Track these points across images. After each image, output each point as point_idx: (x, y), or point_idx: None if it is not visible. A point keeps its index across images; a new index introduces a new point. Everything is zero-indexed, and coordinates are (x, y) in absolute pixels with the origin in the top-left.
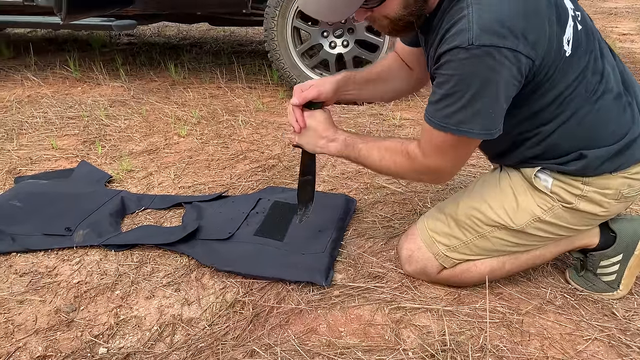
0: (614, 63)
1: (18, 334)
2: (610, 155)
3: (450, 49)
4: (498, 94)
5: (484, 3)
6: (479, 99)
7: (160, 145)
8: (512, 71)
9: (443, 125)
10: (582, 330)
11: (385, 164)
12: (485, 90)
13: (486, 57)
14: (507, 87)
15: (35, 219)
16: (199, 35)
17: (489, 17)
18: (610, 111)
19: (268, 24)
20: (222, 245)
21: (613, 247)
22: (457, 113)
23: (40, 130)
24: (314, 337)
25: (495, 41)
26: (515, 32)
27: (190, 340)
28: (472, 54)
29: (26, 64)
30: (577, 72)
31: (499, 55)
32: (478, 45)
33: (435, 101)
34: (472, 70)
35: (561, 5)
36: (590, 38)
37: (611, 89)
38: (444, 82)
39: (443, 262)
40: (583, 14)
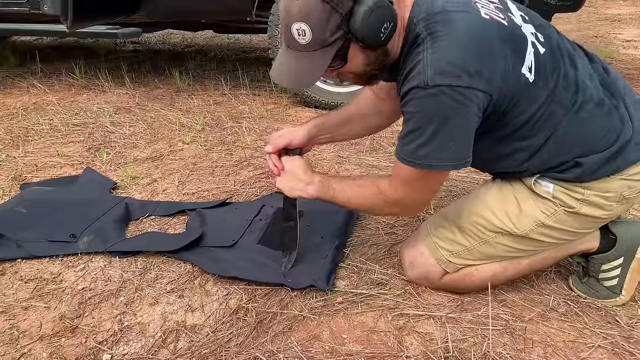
0: (591, 71)
1: (23, 340)
2: (605, 160)
3: (410, 89)
4: (458, 128)
5: (438, 47)
6: (440, 134)
7: (165, 152)
8: (469, 107)
9: (409, 160)
10: (586, 338)
11: (357, 201)
12: (445, 126)
13: (442, 95)
14: (466, 121)
15: (41, 226)
16: (204, 43)
17: (443, 60)
18: (595, 118)
19: (272, 31)
20: (225, 253)
21: (613, 250)
22: (421, 148)
23: (45, 137)
24: (317, 344)
25: (449, 81)
26: (470, 71)
27: (193, 346)
28: (428, 93)
29: (32, 71)
30: (545, 93)
31: (455, 93)
32: (433, 86)
33: (401, 137)
34: (431, 108)
35: (517, 38)
36: (557, 56)
37: (590, 97)
38: (408, 119)
39: (446, 267)
40: (547, 33)
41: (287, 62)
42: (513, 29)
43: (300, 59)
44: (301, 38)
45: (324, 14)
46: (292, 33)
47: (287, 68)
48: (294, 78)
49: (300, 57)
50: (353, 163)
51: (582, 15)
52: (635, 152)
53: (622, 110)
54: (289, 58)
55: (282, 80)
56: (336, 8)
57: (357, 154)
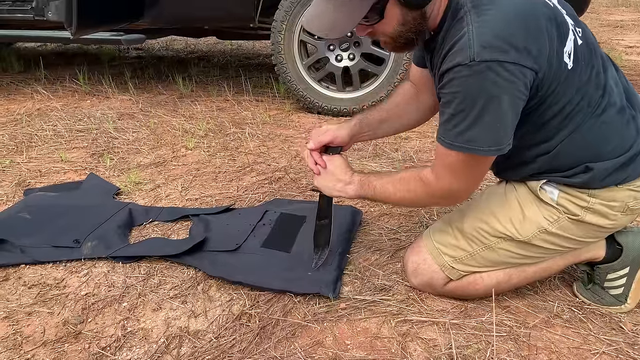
0: (617, 78)
1: (26, 345)
2: (616, 168)
3: (452, 67)
4: (505, 108)
5: (483, 20)
6: (486, 115)
7: (168, 157)
8: (516, 85)
9: (455, 145)
10: (590, 344)
11: (400, 195)
12: (492, 105)
13: (489, 72)
14: (513, 101)
15: (44, 231)
16: (207, 49)
17: (489, 33)
18: (614, 125)
19: (275, 37)
20: (229, 257)
21: (619, 260)
22: (466, 131)
23: (49, 143)
24: (320, 350)
25: (496, 56)
26: (517, 46)
27: (196, 352)
28: (474, 70)
29: (36, 77)
30: (578, 86)
31: (502, 69)
32: (479, 61)
33: (444, 121)
34: (476, 87)
35: (561, 20)
36: (592, 53)
37: (614, 103)
38: (450, 101)
39: (449, 273)
40: (585, 30)
41: (323, 9)
42: (558, 12)
43: (338, 7)
44: None
45: None
46: None
47: (323, 16)
48: (329, 25)
49: (338, 5)
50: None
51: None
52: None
53: (638, 121)
54: (326, 5)
55: (316, 27)
56: None
57: (359, 160)
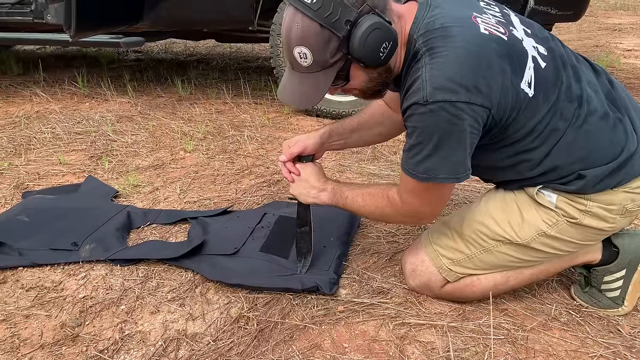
0: (596, 83)
1: (24, 348)
2: (608, 173)
3: (410, 105)
4: (458, 142)
5: (436, 63)
6: (441, 148)
7: (167, 160)
8: (467, 121)
9: (413, 173)
10: (588, 347)
11: (368, 209)
12: (446, 140)
13: (441, 111)
14: (466, 135)
15: (43, 234)
16: (206, 52)
17: (441, 76)
18: (599, 131)
19: (274, 40)
20: (227, 261)
21: (616, 263)
22: (423, 162)
23: (48, 146)
24: (318, 353)
25: (448, 97)
26: (467, 86)
27: (194, 355)
28: (428, 109)
29: (35, 80)
30: (547, 107)
31: (453, 109)
32: (433, 102)
33: (405, 150)
34: (431, 124)
35: (517, 53)
36: (560, 70)
37: (594, 110)
38: (410, 133)
39: (447, 275)
40: (550, 46)
41: (291, 83)
42: (513, 43)
43: (304, 80)
44: (303, 61)
45: (323, 37)
46: (294, 56)
47: (292, 89)
48: (299, 98)
49: (304, 78)
50: (354, 171)
51: (583, 25)
52: (639, 165)
53: (627, 123)
54: (293, 79)
55: (288, 100)
56: (334, 32)
57: (358, 163)
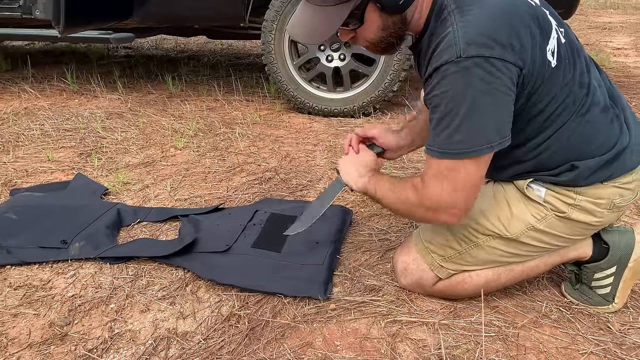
0: (600, 78)
1: (12, 347)
2: (601, 165)
3: (439, 66)
4: (494, 104)
5: (467, 20)
6: (476, 112)
7: (157, 157)
8: (503, 80)
9: (444, 151)
10: (578, 344)
11: (396, 207)
12: (480, 102)
13: (475, 68)
14: (501, 96)
15: (31, 232)
16: (197, 48)
17: (474, 31)
18: (598, 123)
19: (265, 37)
20: (219, 258)
21: (606, 259)
22: (455, 133)
23: (36, 143)
24: (310, 351)
25: (482, 51)
26: (502, 42)
27: (185, 354)
28: (461, 66)
29: (23, 76)
30: (563, 83)
31: (488, 65)
32: (466, 57)
33: (433, 127)
34: (463, 84)
35: (543, 18)
36: (575, 53)
37: (598, 102)
38: (439, 103)
39: (438, 272)
40: (567, 31)
41: (304, 16)
42: (540, 11)
43: (317, 13)
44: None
45: None
46: None
47: (303, 22)
48: (309, 31)
49: (318, 11)
50: None
51: (573, 24)
52: (630, 160)
53: (622, 119)
54: (306, 12)
55: (297, 33)
56: None
57: None
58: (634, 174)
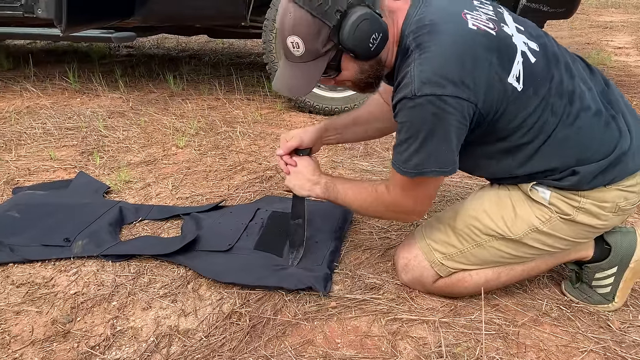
0: (590, 82)
1: (14, 345)
2: (601, 170)
3: (399, 100)
4: (445, 136)
5: (425, 58)
6: (429, 142)
7: (159, 156)
8: (454, 115)
9: (403, 169)
10: (578, 342)
11: (359, 203)
12: (433, 134)
13: (429, 105)
14: (453, 129)
15: (34, 230)
16: (198, 47)
17: (428, 70)
18: (592, 128)
19: (266, 36)
20: (221, 257)
21: (608, 260)
22: (412, 157)
23: (38, 141)
24: (311, 349)
25: (435, 90)
26: (453, 80)
27: (186, 351)
28: (416, 103)
29: (25, 75)
30: (536, 101)
31: (440, 102)
32: (420, 95)
33: (395, 146)
34: (419, 118)
35: (505, 47)
36: (552, 66)
37: (587, 107)
38: (400, 129)
39: (439, 270)
40: (544, 44)
41: (285, 72)
42: (502, 38)
43: (297, 69)
44: (295, 50)
45: (314, 27)
46: (287, 46)
47: (285, 78)
48: (291, 87)
49: (297, 68)
50: (347, 168)
51: (574, 22)
52: (633, 163)
53: (621, 122)
54: (286, 69)
55: (281, 89)
56: (325, 21)
57: (351, 159)
58: (637, 176)
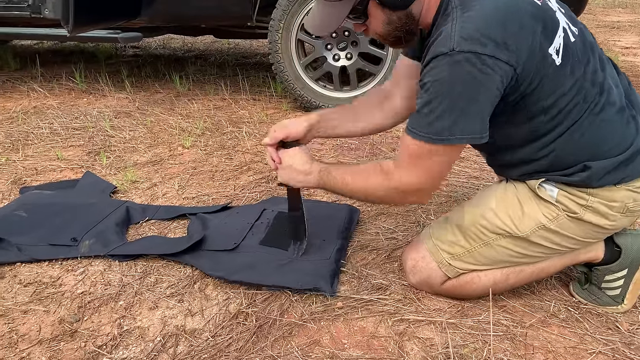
0: (617, 79)
1: (22, 344)
2: (615, 167)
3: (434, 57)
4: (478, 98)
5: (467, 16)
6: (460, 103)
7: (165, 156)
8: (491, 77)
9: (423, 134)
10: (587, 344)
11: (357, 186)
12: (466, 94)
13: (466, 62)
14: (488, 93)
15: (41, 230)
16: (204, 48)
17: (470, 27)
18: (613, 123)
19: (272, 36)
20: (227, 256)
21: (618, 262)
22: (438, 119)
23: (45, 141)
24: (317, 349)
25: (475, 48)
26: (496, 40)
27: (193, 351)
28: (453, 59)
29: (32, 75)
30: (572, 81)
31: (478, 61)
32: (459, 51)
33: (418, 109)
34: (453, 75)
35: (549, 18)
36: (588, 51)
37: (613, 102)
38: (427, 89)
39: (447, 271)
40: (583, 30)
41: (316, 10)
42: (546, 10)
43: (325, 8)
44: None
45: None
46: None
47: (315, 15)
48: (317, 24)
49: (326, 6)
50: None
51: None
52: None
53: (639, 120)
54: (318, 6)
55: (309, 25)
56: None
57: (357, 159)
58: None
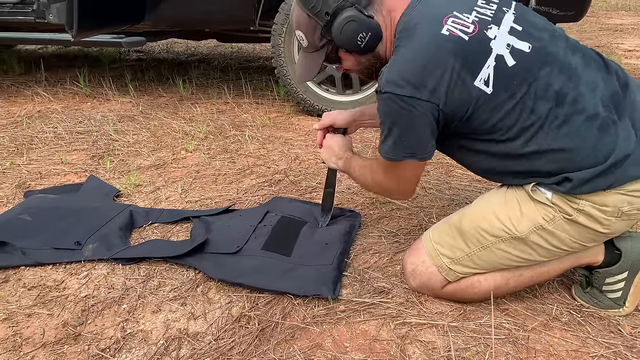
0: (597, 83)
1: (26, 347)
2: (595, 176)
3: (375, 91)
4: (410, 127)
5: (394, 59)
6: (395, 131)
7: (168, 160)
8: (413, 112)
9: (381, 152)
10: (589, 347)
11: (362, 179)
12: (398, 125)
13: (389, 101)
14: (418, 122)
15: (45, 233)
16: (207, 52)
17: (393, 70)
18: (582, 133)
19: (275, 40)
20: (230, 259)
21: (618, 265)
22: (385, 141)
23: (49, 145)
24: (320, 353)
25: (394, 90)
26: (413, 83)
27: (196, 354)
28: (381, 97)
29: (37, 79)
30: (512, 103)
31: (399, 100)
32: (384, 92)
33: None
34: (385, 110)
35: (474, 53)
36: (540, 67)
37: (581, 110)
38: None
39: (447, 275)
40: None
41: (299, 61)
42: (474, 43)
43: (304, 58)
44: (302, 42)
45: (310, 25)
46: (297, 38)
47: (299, 65)
48: (301, 72)
49: (304, 57)
50: None
51: (584, 25)
52: (636, 169)
53: (625, 126)
54: (300, 57)
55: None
56: (317, 21)
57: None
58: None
